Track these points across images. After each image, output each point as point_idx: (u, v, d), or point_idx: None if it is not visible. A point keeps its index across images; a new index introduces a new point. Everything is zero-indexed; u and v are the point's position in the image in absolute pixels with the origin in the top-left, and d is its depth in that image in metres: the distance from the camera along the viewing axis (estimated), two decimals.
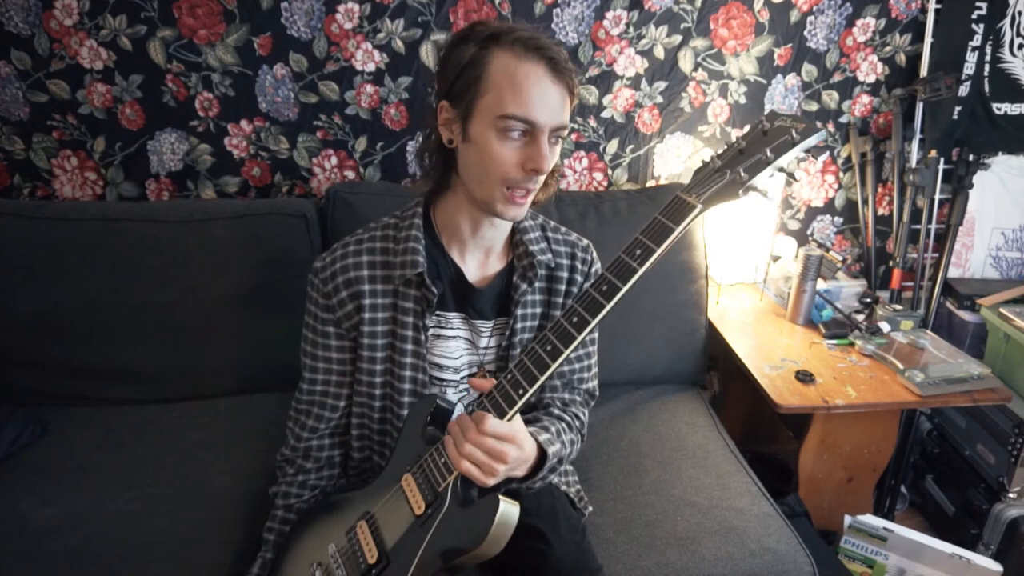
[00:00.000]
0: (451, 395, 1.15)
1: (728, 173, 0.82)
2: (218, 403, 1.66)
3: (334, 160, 1.89)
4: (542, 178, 1.01)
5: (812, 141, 0.79)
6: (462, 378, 1.16)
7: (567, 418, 1.17)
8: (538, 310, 1.16)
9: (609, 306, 0.86)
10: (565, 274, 1.16)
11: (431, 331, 1.12)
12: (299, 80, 1.79)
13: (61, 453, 1.50)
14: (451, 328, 1.13)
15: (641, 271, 0.86)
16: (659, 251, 0.84)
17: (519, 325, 1.13)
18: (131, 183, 1.85)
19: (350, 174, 1.91)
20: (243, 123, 1.82)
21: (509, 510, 0.91)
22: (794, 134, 0.79)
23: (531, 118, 0.95)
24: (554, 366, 0.87)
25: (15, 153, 1.79)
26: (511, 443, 0.91)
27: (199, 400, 1.66)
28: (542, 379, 0.87)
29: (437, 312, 1.12)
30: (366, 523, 1.03)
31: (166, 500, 1.36)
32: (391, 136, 1.87)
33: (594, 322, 0.87)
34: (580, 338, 0.86)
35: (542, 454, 1.01)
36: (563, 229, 1.22)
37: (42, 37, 1.69)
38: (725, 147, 0.84)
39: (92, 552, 1.24)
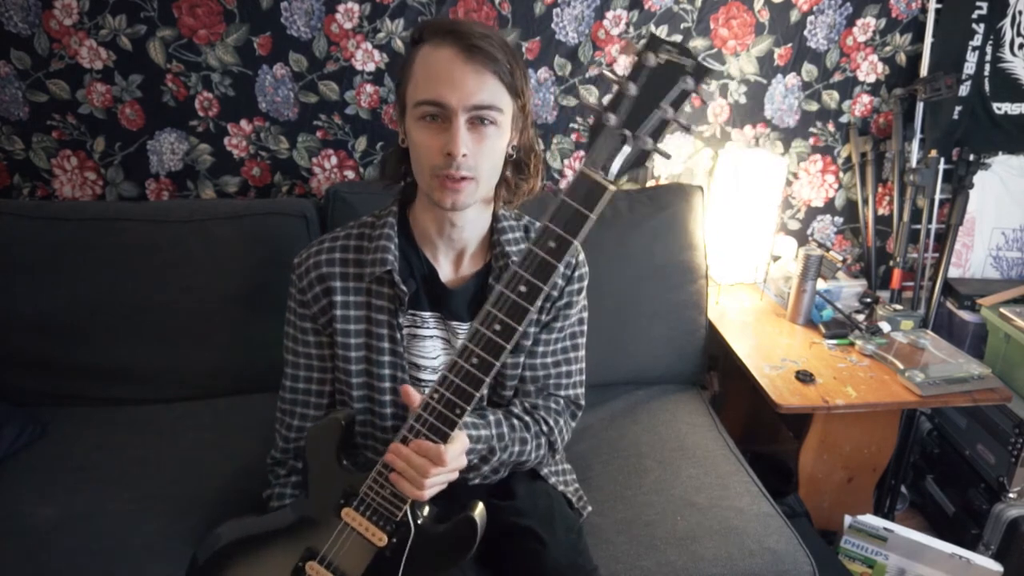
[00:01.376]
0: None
1: (631, 138, 0.74)
2: (218, 403, 1.66)
3: (334, 160, 1.89)
4: (471, 163, 0.98)
5: (702, 82, 0.71)
6: None
7: (524, 418, 1.14)
8: None
9: (533, 309, 0.81)
10: None
11: (406, 330, 1.12)
12: (299, 80, 1.79)
13: (61, 453, 1.50)
14: (427, 328, 1.13)
15: (561, 267, 0.79)
16: (576, 241, 0.78)
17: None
18: (131, 183, 1.85)
19: (350, 174, 1.91)
20: (243, 123, 1.82)
21: (482, 514, 0.95)
22: (688, 81, 0.71)
23: (439, 99, 0.96)
24: (487, 379, 0.85)
25: (15, 153, 1.79)
26: (463, 453, 0.95)
27: (199, 400, 1.66)
28: (477, 395, 0.86)
29: (412, 312, 1.12)
30: (318, 563, 0.98)
31: (166, 500, 1.36)
32: (391, 136, 1.87)
33: (520, 328, 0.82)
34: (509, 347, 0.83)
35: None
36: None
37: (42, 37, 1.69)
38: (612, 94, 0.75)
39: (92, 552, 1.24)
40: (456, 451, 0.92)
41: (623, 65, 1.89)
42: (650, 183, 2.02)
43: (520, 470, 1.19)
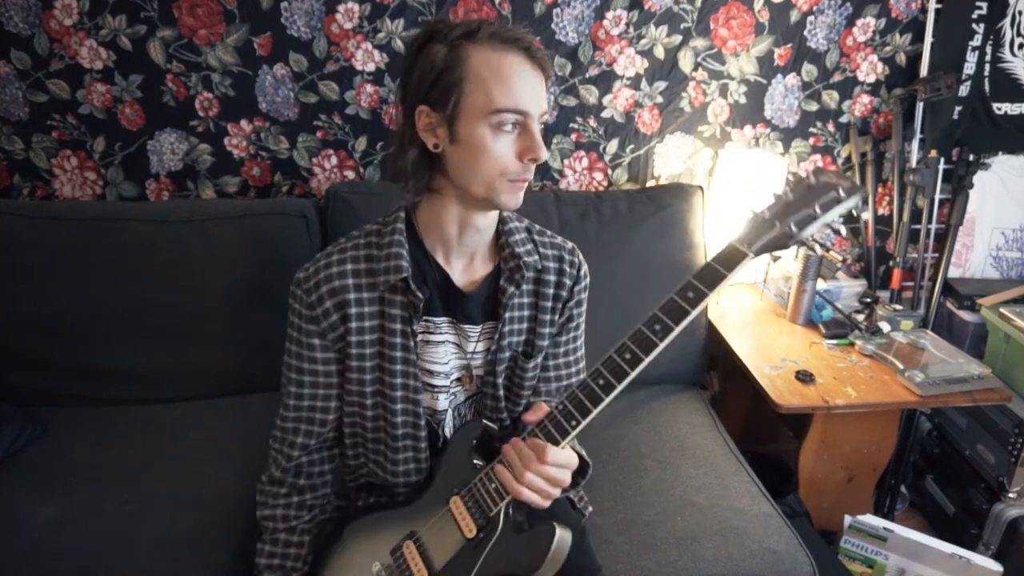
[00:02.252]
0: (442, 401, 1.14)
1: (778, 225, 0.85)
2: (218, 403, 1.66)
3: (334, 160, 1.89)
4: (534, 166, 1.01)
5: (854, 201, 0.83)
6: (452, 382, 1.14)
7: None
8: (526, 313, 1.14)
9: (661, 345, 0.92)
10: (553, 277, 1.15)
11: (420, 337, 1.10)
12: (299, 80, 1.79)
13: (61, 453, 1.50)
14: (440, 333, 1.12)
15: (693, 312, 0.89)
16: (708, 296, 0.88)
17: (507, 328, 1.12)
18: (131, 183, 1.85)
19: (350, 174, 1.91)
20: (243, 123, 1.82)
21: (564, 536, 0.96)
22: (840, 192, 0.83)
23: (523, 108, 0.96)
24: (607, 399, 0.93)
25: (15, 153, 1.79)
26: (568, 468, 0.96)
27: (199, 400, 1.66)
28: (594, 411, 0.93)
29: (425, 318, 1.10)
30: (413, 544, 1.04)
31: (166, 500, 1.36)
32: (391, 136, 1.87)
33: (647, 359, 0.94)
34: (632, 374, 0.93)
35: (582, 463, 1.05)
36: (548, 232, 1.20)
37: (42, 37, 1.69)
38: (774, 199, 0.88)
39: (92, 552, 1.24)
40: (561, 457, 0.94)
41: (623, 64, 1.90)
42: (650, 183, 2.02)
43: None
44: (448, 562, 1.00)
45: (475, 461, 1.06)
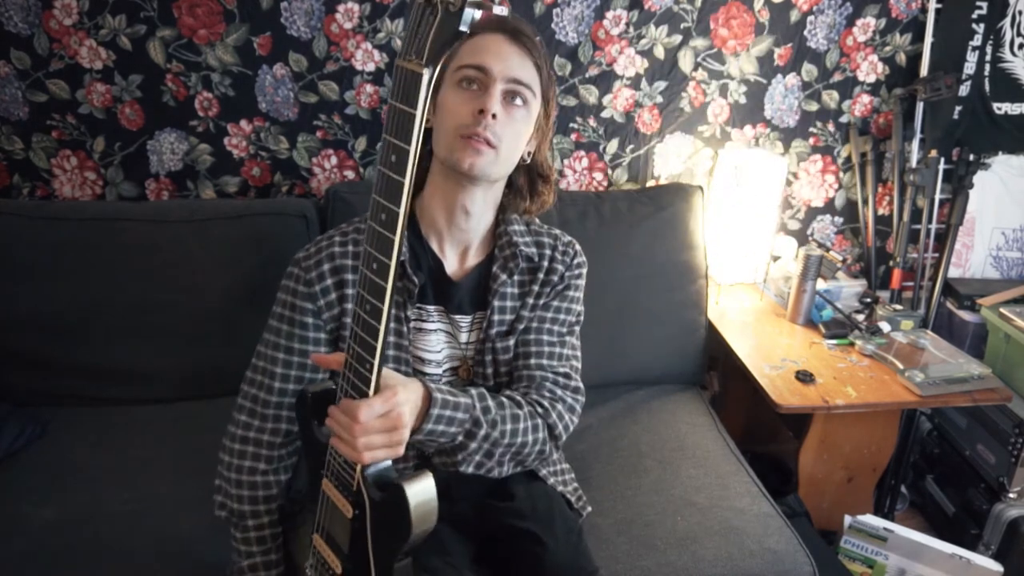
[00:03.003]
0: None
1: (438, 7, 0.68)
2: (218, 403, 1.65)
3: (334, 160, 1.89)
4: (497, 131, 1.00)
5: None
6: (444, 371, 1.14)
7: (515, 398, 1.09)
8: (516, 303, 1.14)
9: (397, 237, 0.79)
10: (545, 263, 1.16)
11: (412, 324, 1.11)
12: (299, 80, 1.79)
13: (61, 453, 1.50)
14: (431, 321, 1.13)
15: (407, 181, 0.75)
16: (414, 145, 0.74)
17: (496, 317, 1.12)
18: (131, 183, 1.85)
19: (350, 174, 1.91)
20: (243, 123, 1.82)
21: (417, 490, 0.86)
22: None
23: (482, 64, 1.01)
24: (382, 326, 0.81)
25: (15, 153, 1.79)
26: (392, 401, 0.86)
27: (199, 400, 1.66)
28: (379, 342, 0.82)
29: (418, 305, 1.11)
30: (319, 536, 1.00)
31: (166, 500, 1.36)
32: None
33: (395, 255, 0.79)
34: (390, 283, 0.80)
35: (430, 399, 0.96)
36: (547, 227, 1.22)
37: (41, 37, 1.69)
38: None
39: (92, 552, 1.24)
40: (380, 407, 0.85)
41: (623, 64, 1.89)
42: (650, 183, 2.02)
43: (524, 465, 1.13)
44: (350, 545, 0.94)
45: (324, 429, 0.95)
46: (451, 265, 1.13)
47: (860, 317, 1.86)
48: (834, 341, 1.77)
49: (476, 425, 1.00)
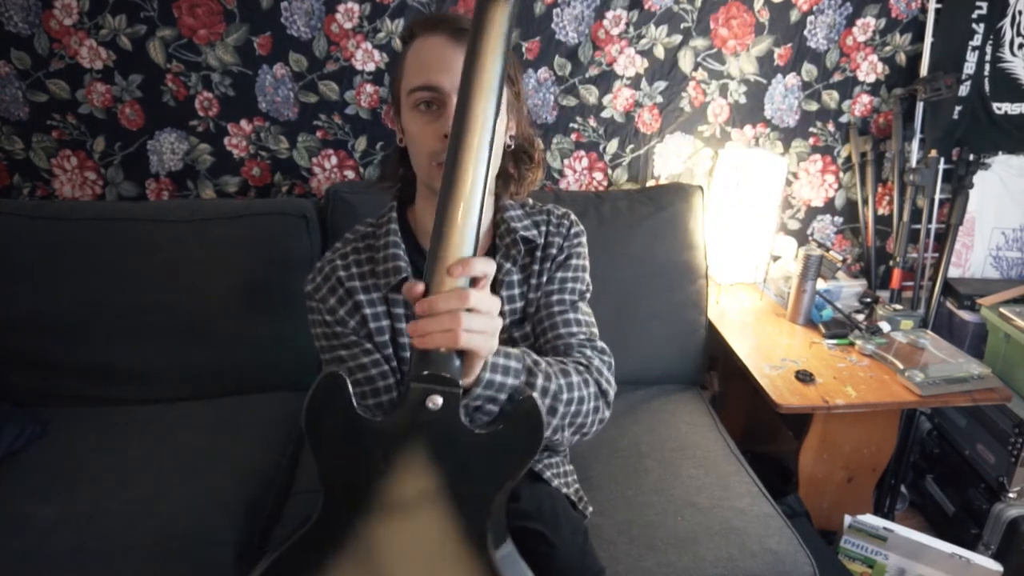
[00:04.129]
0: None
1: None
2: (218, 403, 1.66)
3: (334, 160, 1.89)
4: None
5: None
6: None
7: (556, 355, 1.06)
8: (523, 288, 1.14)
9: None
10: (541, 240, 1.14)
11: None
12: (299, 80, 1.79)
13: (61, 453, 1.50)
14: None
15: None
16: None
17: (507, 307, 1.12)
18: (131, 183, 1.85)
19: (350, 174, 1.91)
20: (243, 123, 1.82)
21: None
22: None
23: (431, 83, 0.97)
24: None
25: (15, 153, 1.79)
26: (495, 300, 0.83)
27: (199, 400, 1.66)
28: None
29: None
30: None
31: (166, 500, 1.36)
32: (391, 136, 1.86)
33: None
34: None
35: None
36: (540, 204, 1.20)
37: (42, 37, 1.69)
38: None
39: (92, 552, 1.24)
40: (485, 271, 0.81)
41: (623, 64, 1.89)
42: (650, 183, 2.02)
43: (583, 431, 1.06)
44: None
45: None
46: None
47: (860, 317, 1.86)
48: (834, 341, 1.77)
49: (531, 375, 0.95)
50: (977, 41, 1.96)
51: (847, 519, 1.63)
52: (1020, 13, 1.95)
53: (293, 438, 1.57)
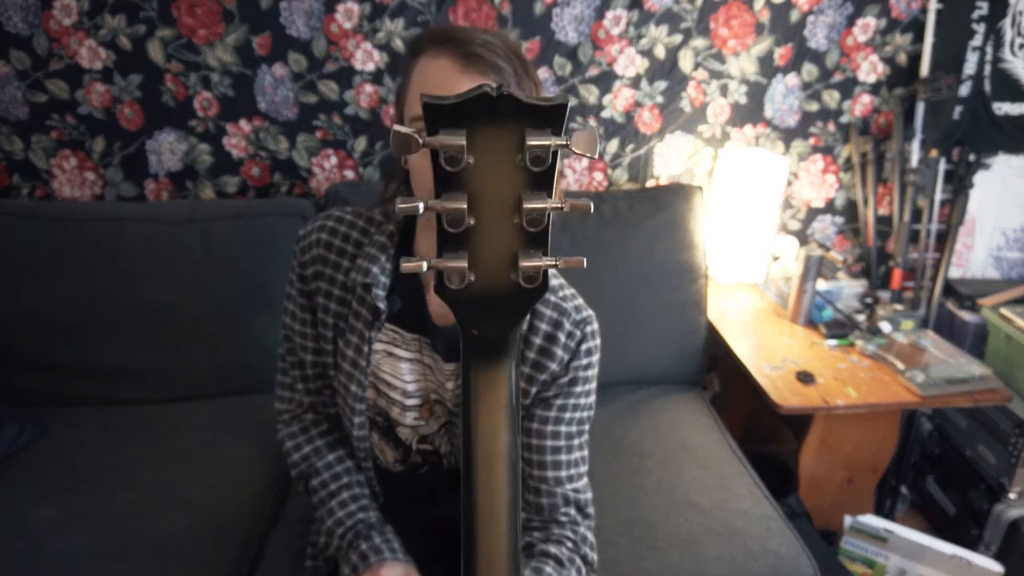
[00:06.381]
0: (408, 418, 1.03)
1: None
2: (218, 403, 1.66)
3: (333, 160, 1.89)
4: None
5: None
6: (411, 404, 1.02)
7: (550, 551, 0.97)
8: (520, 381, 1.00)
9: None
10: (538, 341, 0.97)
11: (384, 347, 1.01)
12: (298, 80, 1.79)
13: (61, 453, 1.50)
14: (408, 350, 1.01)
15: None
16: None
17: None
18: (130, 183, 1.84)
19: (350, 174, 1.91)
20: (242, 123, 1.82)
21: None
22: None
23: None
24: None
25: (14, 153, 1.79)
26: None
27: (199, 400, 1.66)
28: None
29: (393, 328, 1.01)
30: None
31: (166, 500, 1.36)
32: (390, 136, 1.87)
33: None
34: None
35: None
36: (567, 292, 1.01)
37: (41, 37, 1.69)
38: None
39: (92, 552, 1.24)
40: None
41: (623, 64, 1.89)
42: (650, 183, 2.02)
43: None
44: None
45: None
46: (435, 304, 0.98)
47: (860, 317, 1.86)
48: (834, 341, 1.77)
49: None
50: (978, 41, 1.96)
51: (847, 520, 1.62)
52: (1020, 13, 1.95)
53: None
